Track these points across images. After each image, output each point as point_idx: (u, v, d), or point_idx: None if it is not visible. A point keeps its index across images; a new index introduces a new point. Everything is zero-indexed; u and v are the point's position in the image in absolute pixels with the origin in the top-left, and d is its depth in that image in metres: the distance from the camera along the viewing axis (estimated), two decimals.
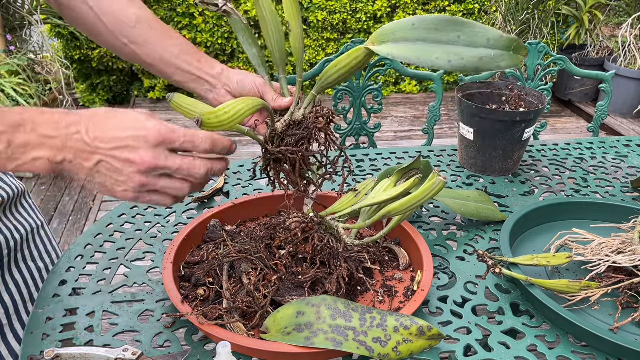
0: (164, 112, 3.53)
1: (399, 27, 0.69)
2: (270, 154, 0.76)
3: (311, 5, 3.58)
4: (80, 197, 2.59)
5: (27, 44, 2.99)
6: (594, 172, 1.20)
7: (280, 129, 0.75)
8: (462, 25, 0.67)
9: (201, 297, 0.73)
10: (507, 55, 0.69)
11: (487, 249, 0.91)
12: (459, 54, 0.68)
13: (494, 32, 0.68)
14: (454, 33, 0.68)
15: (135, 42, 0.78)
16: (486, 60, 0.68)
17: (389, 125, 3.45)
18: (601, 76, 1.56)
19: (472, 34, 0.68)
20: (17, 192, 0.86)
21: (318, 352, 0.63)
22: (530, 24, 3.47)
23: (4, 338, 0.78)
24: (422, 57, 0.68)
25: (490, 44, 0.68)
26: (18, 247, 0.83)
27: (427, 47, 0.68)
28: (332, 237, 0.74)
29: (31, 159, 0.54)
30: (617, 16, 4.09)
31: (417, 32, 0.68)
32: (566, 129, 3.50)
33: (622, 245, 0.81)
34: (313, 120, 0.75)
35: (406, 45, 0.68)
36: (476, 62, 0.68)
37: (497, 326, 0.73)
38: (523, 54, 0.70)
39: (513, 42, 0.68)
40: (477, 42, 0.68)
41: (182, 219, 0.99)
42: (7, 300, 0.79)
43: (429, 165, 0.94)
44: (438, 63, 0.67)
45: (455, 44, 0.68)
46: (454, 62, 0.67)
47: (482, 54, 0.68)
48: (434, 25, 0.68)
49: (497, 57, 0.68)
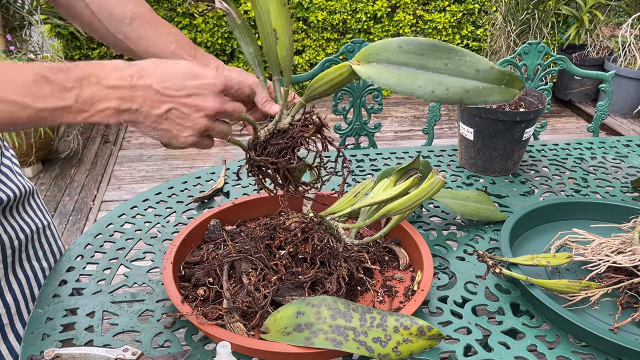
0: None
1: (384, 48, 0.66)
2: (253, 161, 0.75)
3: (311, 5, 3.58)
4: (80, 197, 2.59)
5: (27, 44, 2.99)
6: (594, 172, 1.20)
7: (263, 137, 0.73)
8: (450, 52, 0.63)
9: (201, 297, 0.73)
10: (496, 90, 0.64)
11: (487, 249, 0.91)
12: (443, 84, 0.64)
13: (484, 63, 0.63)
14: (441, 60, 0.64)
15: (131, 39, 0.78)
16: (472, 93, 0.63)
17: (389, 125, 3.45)
18: (601, 76, 1.56)
19: (460, 62, 0.63)
20: (25, 192, 0.86)
21: (318, 352, 0.63)
22: (530, 24, 3.47)
23: (4, 337, 0.78)
24: (403, 84, 0.64)
25: (480, 75, 0.63)
26: (22, 247, 0.83)
27: (411, 73, 0.64)
28: (331, 237, 0.74)
29: (98, 110, 0.56)
30: (617, 16, 4.09)
31: (403, 55, 0.65)
32: (566, 129, 3.50)
33: (622, 245, 0.81)
34: (299, 129, 0.73)
35: (389, 69, 0.65)
36: (461, 94, 0.63)
37: (497, 326, 0.73)
38: (518, 87, 0.65)
39: (505, 75, 0.63)
40: (465, 72, 0.63)
41: (182, 219, 0.99)
42: (9, 300, 0.79)
43: (429, 165, 0.94)
44: (420, 92, 0.64)
45: (441, 72, 0.64)
46: (437, 92, 0.63)
47: (468, 86, 0.63)
48: (421, 50, 0.64)
49: (485, 90, 0.63)
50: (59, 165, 2.87)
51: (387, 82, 0.65)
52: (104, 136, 3.24)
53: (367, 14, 3.63)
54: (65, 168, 2.85)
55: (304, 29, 3.66)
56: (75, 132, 2.93)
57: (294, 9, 3.59)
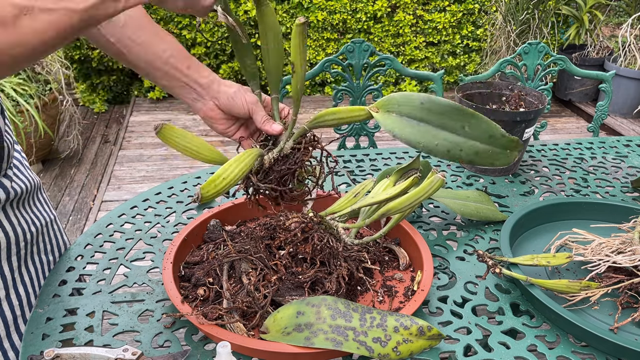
0: (164, 112, 3.53)
1: (406, 101, 0.69)
2: (254, 184, 0.75)
3: (311, 5, 3.58)
4: (80, 197, 2.59)
5: None
6: (594, 172, 1.20)
7: (267, 163, 0.74)
8: (468, 116, 0.68)
9: (201, 297, 0.73)
10: (502, 154, 0.70)
11: (487, 249, 0.91)
12: (459, 145, 0.69)
13: (497, 130, 0.69)
14: (460, 122, 0.68)
15: (122, 42, 0.75)
16: (483, 156, 0.70)
17: None
18: (601, 76, 1.56)
19: (476, 127, 0.68)
20: (34, 186, 0.86)
21: (318, 352, 0.63)
22: (530, 24, 3.47)
23: (17, 329, 0.79)
24: (422, 141, 0.68)
25: (491, 140, 0.69)
26: (34, 240, 0.84)
27: (429, 130, 0.68)
28: (331, 237, 0.74)
29: None
30: (617, 16, 4.09)
31: (424, 112, 0.68)
32: (566, 129, 3.50)
33: (622, 245, 0.81)
34: (301, 156, 0.74)
35: (410, 123, 0.69)
36: (473, 155, 0.69)
37: (497, 326, 0.73)
38: (517, 150, 0.72)
39: (512, 142, 0.70)
40: (479, 137, 0.69)
41: (182, 219, 0.99)
42: (21, 292, 0.80)
43: (429, 165, 0.94)
44: (436, 150, 0.69)
45: (458, 133, 0.69)
46: (452, 152, 0.69)
47: (480, 149, 0.69)
48: (442, 110, 0.68)
49: (494, 154, 0.70)
50: (59, 165, 2.87)
51: (408, 137, 0.68)
52: (104, 136, 3.24)
53: (367, 14, 3.63)
54: (65, 168, 2.85)
55: None
56: (75, 132, 2.93)
57: (294, 8, 3.59)
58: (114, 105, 3.70)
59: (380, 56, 1.53)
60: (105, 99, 3.63)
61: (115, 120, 3.47)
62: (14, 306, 0.79)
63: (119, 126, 3.37)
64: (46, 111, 2.63)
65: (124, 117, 3.50)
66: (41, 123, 2.48)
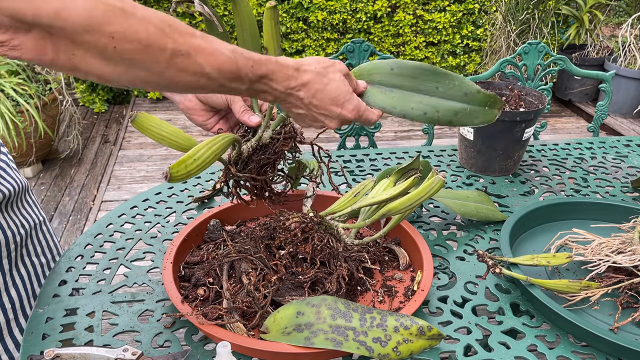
0: (163, 112, 3.53)
1: (376, 69, 0.68)
2: (233, 175, 0.74)
3: (311, 5, 3.58)
4: (80, 197, 2.59)
5: None
6: (594, 172, 1.20)
7: (246, 153, 0.73)
8: (440, 75, 0.67)
9: (201, 297, 0.73)
10: (482, 112, 0.69)
11: (487, 249, 0.91)
12: (434, 106, 0.67)
13: (472, 86, 0.67)
14: (432, 83, 0.67)
15: None
16: (461, 115, 0.68)
17: (389, 125, 3.45)
18: (601, 76, 1.56)
19: (449, 86, 0.67)
20: (21, 188, 0.86)
21: (318, 352, 0.63)
22: (530, 23, 3.47)
23: (10, 331, 0.79)
24: (397, 106, 0.68)
25: (467, 98, 0.68)
26: (23, 242, 0.84)
27: (403, 95, 0.68)
28: (331, 237, 0.74)
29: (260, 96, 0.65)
30: (617, 16, 4.09)
31: (395, 78, 0.68)
32: (566, 128, 3.50)
33: (622, 245, 0.81)
34: (280, 145, 0.74)
35: (382, 91, 0.68)
36: (451, 116, 0.68)
37: (497, 326, 0.73)
38: (498, 108, 0.70)
39: (490, 98, 0.68)
40: (454, 95, 0.67)
41: (182, 219, 0.98)
42: (14, 295, 0.80)
43: (429, 165, 0.94)
44: (412, 114, 0.68)
45: (432, 94, 0.68)
46: (429, 114, 0.68)
47: (457, 108, 0.68)
48: (412, 73, 0.67)
49: (472, 112, 0.68)
50: (59, 165, 2.87)
51: (381, 104, 0.68)
52: (104, 136, 3.24)
53: (367, 13, 3.63)
54: (65, 168, 2.85)
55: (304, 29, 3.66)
56: (75, 132, 2.93)
57: (294, 8, 3.59)
58: (114, 105, 3.70)
59: (381, 56, 1.53)
60: (105, 99, 3.63)
61: (115, 120, 3.47)
62: (6, 309, 0.79)
63: (119, 126, 3.37)
64: (46, 111, 2.63)
65: (124, 117, 3.50)
66: (41, 123, 2.48)
